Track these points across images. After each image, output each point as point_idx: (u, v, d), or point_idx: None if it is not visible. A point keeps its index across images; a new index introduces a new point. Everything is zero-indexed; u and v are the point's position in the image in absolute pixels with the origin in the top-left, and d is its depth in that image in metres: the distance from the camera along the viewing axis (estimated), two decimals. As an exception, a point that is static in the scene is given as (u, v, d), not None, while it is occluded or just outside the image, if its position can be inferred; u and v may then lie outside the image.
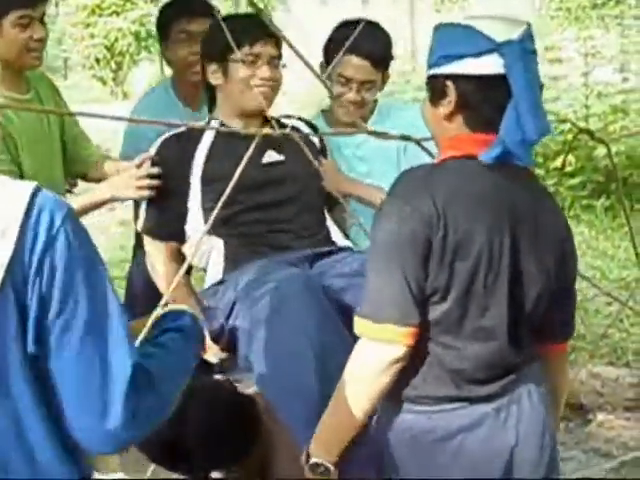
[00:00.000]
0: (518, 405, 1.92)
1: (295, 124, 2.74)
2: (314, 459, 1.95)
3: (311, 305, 2.21)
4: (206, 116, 2.83)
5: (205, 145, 2.65)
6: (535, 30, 1.90)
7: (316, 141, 2.82)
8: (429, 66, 1.93)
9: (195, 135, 2.67)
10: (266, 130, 2.12)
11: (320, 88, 3.01)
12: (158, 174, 2.64)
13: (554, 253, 1.94)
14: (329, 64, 2.87)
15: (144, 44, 16.53)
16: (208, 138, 2.66)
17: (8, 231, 1.40)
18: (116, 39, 16.19)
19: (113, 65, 16.48)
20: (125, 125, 3.47)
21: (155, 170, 2.64)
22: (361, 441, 1.94)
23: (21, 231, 1.40)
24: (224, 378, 2.43)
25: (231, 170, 1.94)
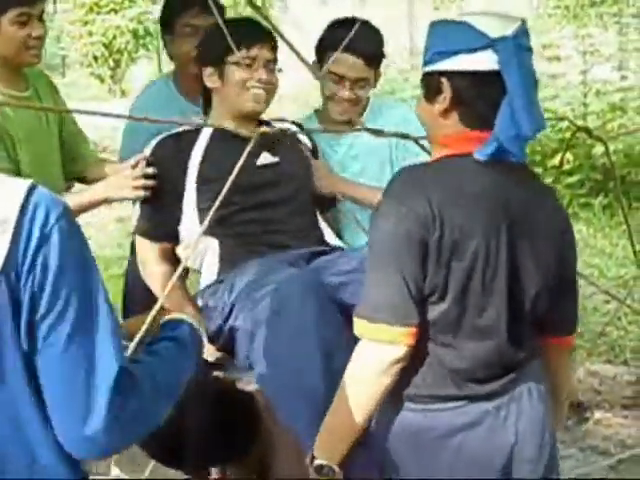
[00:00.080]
0: (518, 404, 1.92)
1: (287, 127, 2.77)
2: (318, 461, 1.95)
3: (312, 305, 2.21)
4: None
5: (201, 146, 2.66)
6: (533, 28, 1.91)
7: (308, 143, 2.84)
8: (424, 63, 1.93)
9: (191, 136, 2.68)
10: (264, 129, 2.12)
11: (313, 88, 3.02)
12: (153, 174, 2.64)
13: (553, 249, 1.94)
14: (321, 63, 2.89)
15: (142, 42, 16.52)
16: (204, 139, 2.67)
17: (4, 228, 1.40)
18: (114, 37, 16.18)
19: (111, 63, 16.47)
20: (124, 123, 3.48)
21: (150, 170, 2.64)
22: (362, 441, 1.94)
23: (16, 228, 1.40)
24: (224, 375, 2.43)
25: (227, 171, 1.97)
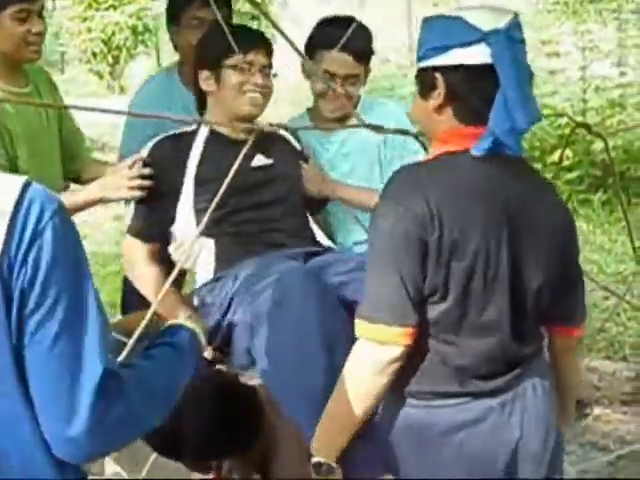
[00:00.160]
0: (523, 400, 1.92)
1: (281, 133, 2.80)
2: (316, 458, 1.95)
3: (314, 296, 2.21)
4: None
5: (198, 148, 2.68)
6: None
7: (297, 146, 2.87)
8: (418, 59, 1.92)
9: (188, 138, 2.71)
10: (264, 126, 2.13)
11: (309, 91, 3.03)
12: (150, 175, 2.64)
13: (554, 241, 1.93)
14: (311, 61, 2.92)
15: (141, 38, 16.51)
16: (200, 141, 2.70)
17: None
18: (113, 33, 16.17)
19: (110, 59, 16.46)
20: (123, 119, 3.47)
21: (147, 171, 2.64)
22: (366, 436, 1.94)
23: (10, 223, 1.39)
24: (227, 369, 2.43)
25: (224, 173, 1.99)
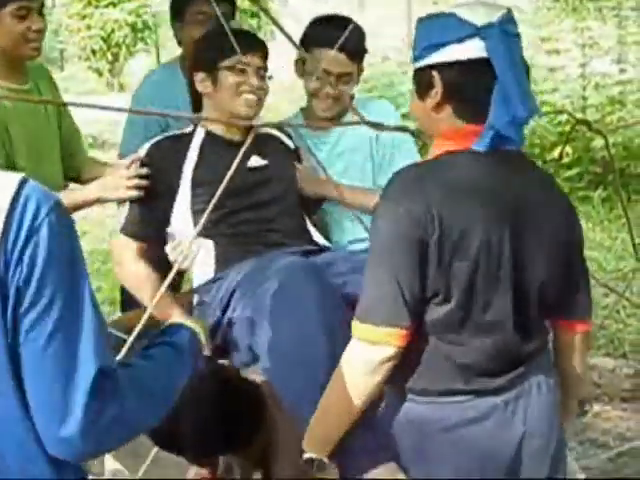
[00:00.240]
0: (527, 398, 1.92)
1: (272, 132, 2.81)
2: (307, 455, 1.96)
3: (314, 290, 2.21)
4: None
5: (194, 149, 2.69)
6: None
7: (291, 145, 2.88)
8: (414, 60, 1.92)
9: (185, 139, 2.72)
10: (264, 124, 2.13)
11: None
12: (147, 174, 2.65)
13: (558, 236, 1.93)
14: (304, 61, 2.93)
15: (140, 35, 16.51)
16: (197, 142, 2.71)
17: None
18: (112, 30, 16.17)
19: (109, 56, 16.46)
20: (122, 117, 3.47)
21: (144, 170, 2.65)
22: (365, 425, 1.94)
23: (6, 221, 1.38)
24: (229, 363, 2.42)
25: (220, 174, 2.00)
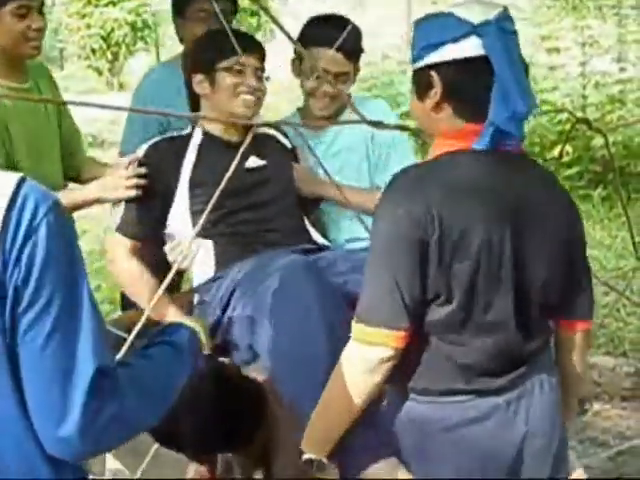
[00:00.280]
0: (529, 398, 1.91)
1: (269, 132, 2.82)
2: (307, 455, 1.96)
3: (314, 288, 2.21)
4: None
5: (192, 151, 2.70)
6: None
7: (289, 145, 2.90)
8: (413, 61, 1.92)
9: (183, 140, 2.73)
10: (263, 122, 2.13)
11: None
12: (145, 174, 2.65)
13: (560, 234, 1.92)
14: (300, 60, 2.94)
15: (140, 34, 16.52)
16: (195, 144, 2.72)
17: None
18: (112, 29, 16.18)
19: (109, 55, 16.47)
20: (122, 116, 3.48)
21: (143, 170, 2.65)
22: (366, 423, 1.94)
23: (4, 220, 1.38)
24: (229, 361, 2.42)
25: (219, 175, 1.99)
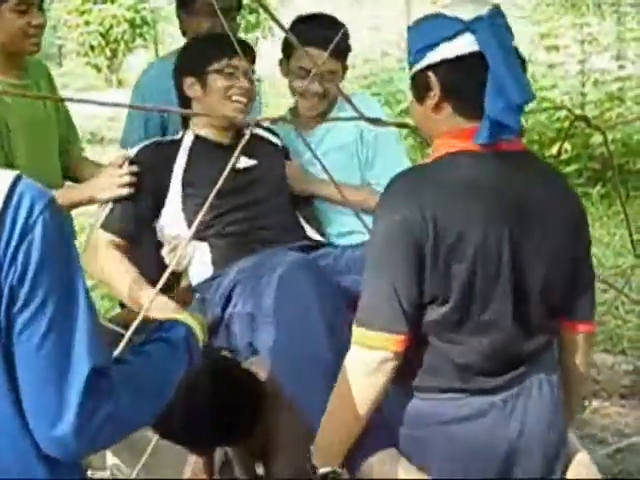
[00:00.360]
0: (526, 397, 1.92)
1: (258, 131, 2.83)
2: (322, 470, 1.95)
3: (316, 287, 2.21)
4: None
5: (184, 152, 2.72)
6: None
7: (280, 144, 2.92)
8: (410, 66, 1.92)
9: (174, 143, 2.75)
10: (263, 118, 2.14)
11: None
12: (137, 172, 2.66)
13: (563, 233, 1.91)
14: (288, 59, 2.95)
15: (139, 31, 16.52)
16: (186, 146, 2.73)
17: None
18: (111, 26, 16.18)
19: (108, 52, 16.47)
20: (121, 113, 3.48)
21: (135, 168, 2.66)
22: (378, 427, 1.94)
23: (0, 219, 1.37)
24: (229, 354, 2.42)
25: (210, 176, 2.00)
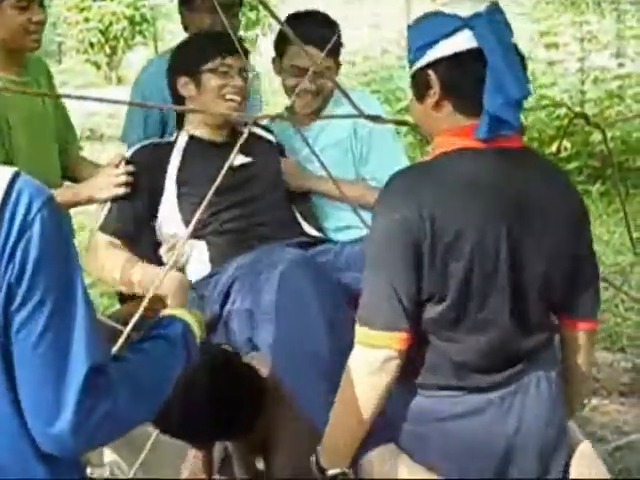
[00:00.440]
0: (523, 395, 1.92)
1: (253, 129, 2.83)
2: (330, 472, 1.95)
3: (315, 284, 2.22)
4: None
5: (178, 152, 2.73)
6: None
7: (274, 141, 2.92)
8: (410, 65, 1.93)
9: (169, 145, 2.76)
10: (263, 115, 2.14)
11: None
12: (133, 172, 2.68)
13: (564, 230, 1.91)
14: (281, 57, 2.95)
15: (138, 28, 16.51)
16: (180, 146, 2.74)
17: None
18: (110, 23, 16.16)
19: (107, 50, 16.45)
20: (121, 110, 3.49)
21: (131, 168, 2.68)
22: (376, 422, 1.94)
23: None
24: (230, 348, 2.42)
25: (206, 174, 2.00)
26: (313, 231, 2.82)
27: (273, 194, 2.76)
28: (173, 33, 13.59)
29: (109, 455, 2.57)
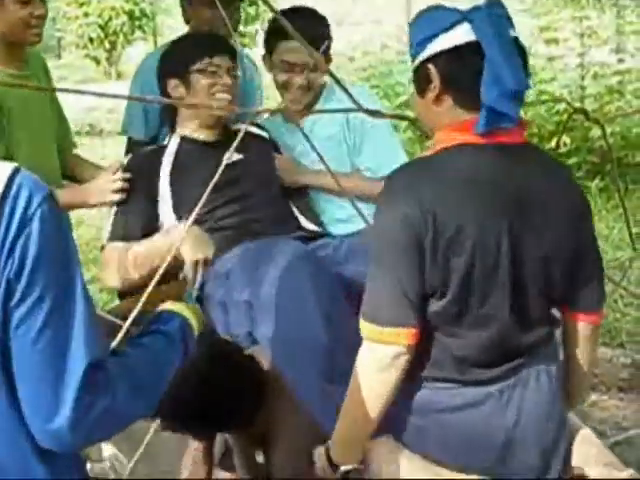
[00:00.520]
0: (523, 388, 1.92)
1: (248, 128, 2.82)
2: (343, 468, 1.96)
3: (313, 278, 2.23)
4: None
5: (171, 153, 2.75)
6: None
7: (267, 136, 2.94)
8: (411, 59, 1.93)
9: (162, 149, 2.79)
10: (263, 109, 2.14)
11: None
12: (130, 179, 2.71)
13: (565, 225, 1.91)
14: (271, 53, 2.96)
15: (138, 23, 16.49)
16: (173, 148, 2.77)
17: None
18: (110, 18, 16.14)
19: (107, 45, 16.43)
20: (120, 105, 3.49)
21: (127, 174, 2.72)
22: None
23: None
24: (231, 339, 2.43)
25: (199, 174, 2.00)
26: (311, 225, 2.83)
27: (267, 190, 2.78)
28: (172, 28, 13.56)
29: (108, 449, 2.57)
